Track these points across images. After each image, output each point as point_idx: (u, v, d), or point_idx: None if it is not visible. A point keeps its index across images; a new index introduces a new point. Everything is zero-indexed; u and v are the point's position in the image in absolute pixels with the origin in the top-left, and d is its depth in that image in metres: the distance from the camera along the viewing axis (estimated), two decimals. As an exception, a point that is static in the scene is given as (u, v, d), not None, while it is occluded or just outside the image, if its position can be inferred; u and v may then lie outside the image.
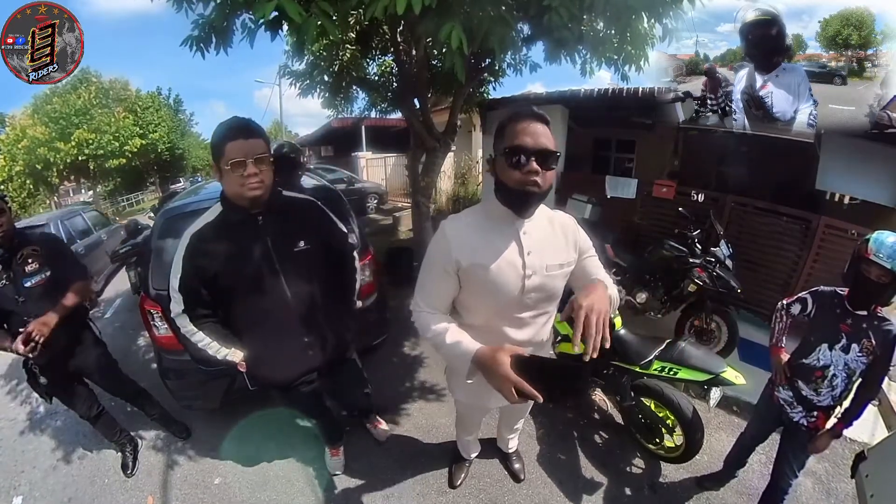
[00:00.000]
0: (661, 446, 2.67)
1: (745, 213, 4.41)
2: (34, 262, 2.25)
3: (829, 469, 2.65)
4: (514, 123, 1.31)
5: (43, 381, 2.43)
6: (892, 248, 1.64)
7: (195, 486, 2.69)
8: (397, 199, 13.42)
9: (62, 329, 2.32)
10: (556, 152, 1.29)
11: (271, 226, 1.76)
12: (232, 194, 1.67)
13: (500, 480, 2.60)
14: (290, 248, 1.81)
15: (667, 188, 4.89)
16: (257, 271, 1.75)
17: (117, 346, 4.15)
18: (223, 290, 1.75)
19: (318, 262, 1.91)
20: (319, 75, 5.22)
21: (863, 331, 1.79)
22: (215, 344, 1.80)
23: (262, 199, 1.69)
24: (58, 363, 2.43)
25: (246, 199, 1.64)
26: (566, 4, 2.49)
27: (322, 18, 2.16)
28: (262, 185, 1.65)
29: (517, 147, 1.27)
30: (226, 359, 1.83)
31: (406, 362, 3.92)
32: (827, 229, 3.92)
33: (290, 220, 1.84)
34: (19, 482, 2.84)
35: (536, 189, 1.29)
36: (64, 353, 2.42)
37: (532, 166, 1.26)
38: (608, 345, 1.19)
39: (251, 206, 1.70)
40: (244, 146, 1.58)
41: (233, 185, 1.62)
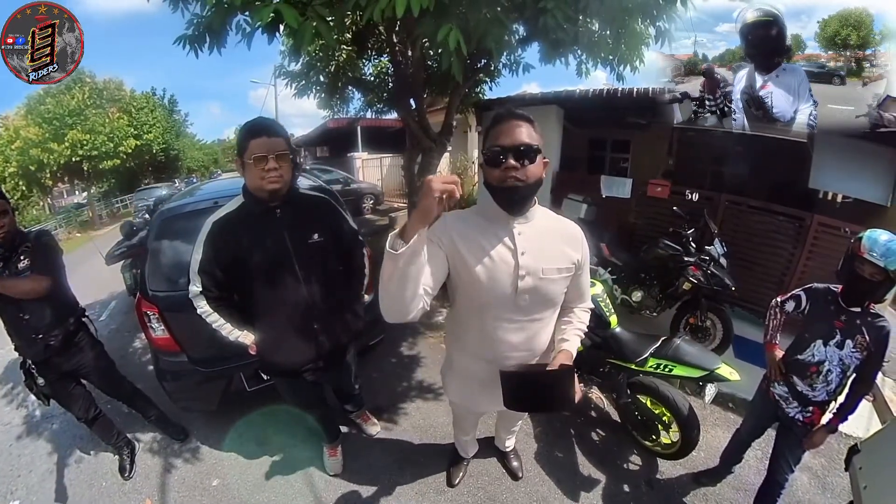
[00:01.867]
0: (657, 443, 2.69)
1: (739, 211, 4.44)
2: (26, 258, 2.25)
3: (825, 463, 2.67)
4: (493, 126, 1.37)
5: (41, 382, 2.43)
6: (885, 246, 1.66)
7: (193, 488, 2.68)
8: (393, 199, 13.43)
9: (59, 329, 2.37)
10: (532, 145, 1.32)
11: (288, 218, 1.88)
12: (253, 187, 1.79)
13: (498, 479, 2.61)
14: (304, 239, 1.92)
15: (661, 187, 4.91)
16: (273, 259, 1.87)
17: (114, 347, 4.10)
18: (240, 275, 1.87)
19: (329, 254, 2.04)
20: (315, 76, 5.22)
21: (857, 327, 1.81)
22: (228, 325, 1.93)
23: (281, 193, 1.81)
24: (55, 363, 2.43)
25: (265, 191, 1.76)
26: (561, 6, 2.50)
27: (318, 22, 2.17)
28: (281, 180, 1.77)
29: (493, 147, 1.33)
30: (237, 340, 1.96)
31: (403, 362, 3.93)
32: (820, 227, 3.96)
33: (305, 213, 1.97)
34: (16, 486, 2.82)
35: (518, 183, 1.32)
36: (61, 353, 2.42)
37: (509, 163, 1.30)
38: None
39: (270, 199, 1.82)
40: (266, 143, 1.71)
41: (254, 178, 1.74)
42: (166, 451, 2.96)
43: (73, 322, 2.48)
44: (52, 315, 2.35)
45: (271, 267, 1.88)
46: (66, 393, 2.56)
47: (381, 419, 3.09)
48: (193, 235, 2.49)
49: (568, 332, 1.61)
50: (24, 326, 2.29)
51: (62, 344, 2.40)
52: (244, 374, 2.80)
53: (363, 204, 12.22)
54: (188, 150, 32.78)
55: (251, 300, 1.96)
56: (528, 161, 1.31)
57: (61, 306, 2.42)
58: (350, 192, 11.52)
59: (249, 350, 2.00)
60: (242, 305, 1.99)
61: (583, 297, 1.67)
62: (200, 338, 2.75)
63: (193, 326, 2.71)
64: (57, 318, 2.37)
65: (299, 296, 1.95)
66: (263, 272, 1.88)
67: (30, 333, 2.31)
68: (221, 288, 1.90)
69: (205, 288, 1.86)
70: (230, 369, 2.75)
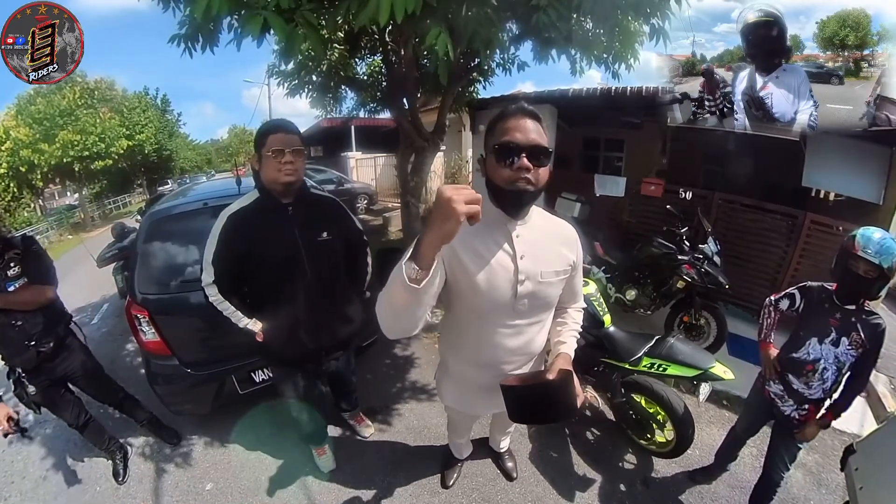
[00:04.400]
0: (652, 442, 2.69)
1: (733, 210, 4.47)
2: (16, 265, 2.22)
3: (820, 460, 2.68)
4: (504, 120, 1.26)
5: (31, 390, 2.40)
6: (879, 243, 1.66)
7: (187, 492, 2.66)
8: (387, 199, 13.39)
9: (51, 335, 2.36)
10: (548, 149, 1.24)
11: (299, 215, 1.99)
12: (269, 180, 1.89)
13: (492, 479, 2.60)
14: (314, 236, 2.03)
15: (655, 186, 4.93)
16: (284, 253, 1.97)
17: (105, 352, 4.12)
18: (251, 266, 1.96)
19: (336, 251, 2.16)
20: (308, 75, 5.20)
21: (851, 325, 1.81)
22: (238, 313, 2.02)
23: (295, 186, 1.94)
24: (46, 369, 2.41)
25: (280, 184, 1.87)
26: (554, 4, 2.50)
27: (306, 29, 2.19)
28: (296, 173, 1.88)
29: (507, 143, 1.21)
30: (247, 327, 2.04)
31: (397, 363, 3.91)
32: (813, 225, 3.99)
33: (315, 212, 2.09)
34: (9, 493, 2.78)
35: (528, 187, 1.23)
36: (50, 359, 2.40)
37: (523, 163, 1.20)
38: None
39: (283, 195, 1.94)
40: (284, 138, 1.84)
41: (271, 170, 1.85)
42: (159, 456, 2.93)
43: (62, 328, 2.47)
44: (44, 322, 2.33)
45: (281, 261, 1.97)
46: (56, 399, 2.52)
47: (375, 421, 3.08)
48: (183, 237, 2.46)
49: (564, 335, 1.58)
50: (15, 334, 2.25)
51: (53, 350, 2.38)
52: (236, 377, 2.78)
53: (357, 204, 12.10)
54: (181, 151, 32.58)
55: (260, 291, 2.06)
56: (540, 163, 1.23)
57: (53, 313, 2.41)
58: (344, 192, 11.41)
59: (256, 337, 2.06)
60: (251, 296, 2.08)
61: (576, 297, 1.65)
62: (191, 341, 2.74)
63: (184, 329, 2.70)
64: (49, 325, 2.36)
65: (306, 290, 2.04)
66: (274, 266, 1.97)
67: (22, 341, 2.27)
68: (232, 278, 1.98)
69: (217, 277, 1.95)
70: (222, 372, 2.73)
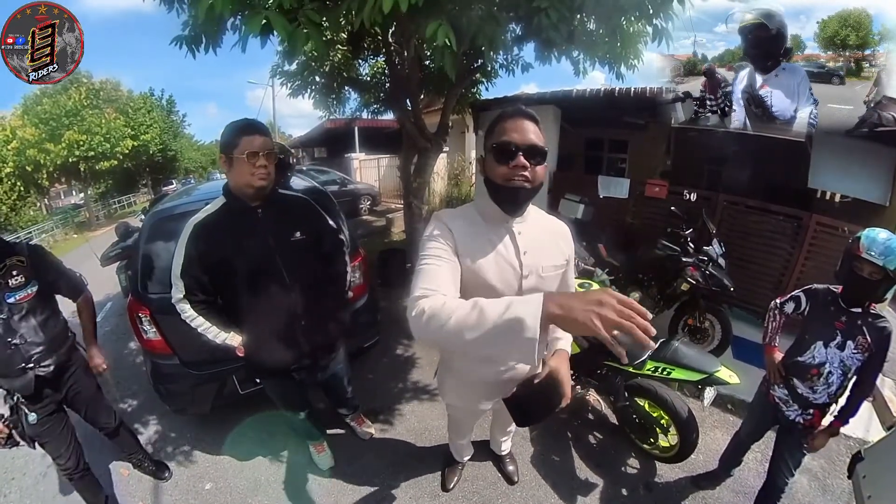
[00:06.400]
0: (655, 446, 2.67)
1: (737, 211, 4.43)
2: (19, 274, 1.99)
3: (825, 466, 2.65)
4: (502, 121, 1.32)
5: (32, 418, 2.08)
6: (884, 245, 1.64)
7: (186, 491, 2.65)
8: (390, 200, 13.37)
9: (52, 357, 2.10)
10: (543, 148, 1.30)
11: (270, 217, 1.91)
12: (239, 184, 1.80)
13: (493, 483, 2.58)
14: (287, 237, 1.95)
15: (659, 187, 4.89)
16: (258, 258, 1.89)
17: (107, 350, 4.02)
18: (224, 276, 1.87)
19: (312, 251, 2.07)
20: (311, 76, 5.20)
21: (857, 328, 1.79)
22: (214, 329, 1.92)
23: (265, 191, 1.85)
24: (46, 394, 2.12)
25: (252, 188, 1.79)
26: (556, 5, 2.48)
27: (309, 28, 2.18)
28: (268, 178, 1.81)
29: (504, 142, 1.28)
30: (225, 343, 1.95)
31: (398, 364, 3.90)
32: (818, 227, 3.95)
33: (286, 213, 1.99)
34: (9, 490, 2.79)
35: (525, 184, 1.29)
36: (51, 383, 2.14)
37: (519, 161, 1.26)
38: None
39: (253, 198, 1.85)
40: (258, 140, 1.75)
41: (243, 174, 1.76)
42: (159, 455, 2.93)
43: (65, 350, 2.21)
44: (46, 342, 2.07)
45: (255, 266, 1.88)
46: (56, 434, 2.20)
47: (375, 422, 3.07)
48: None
49: (559, 330, 1.58)
50: (9, 355, 1.98)
51: (54, 374, 2.12)
52: (237, 377, 2.78)
53: (360, 205, 12.14)
54: (186, 151, 32.81)
55: (236, 301, 1.95)
56: (536, 162, 1.29)
57: (55, 331, 2.15)
58: (347, 194, 11.43)
59: (237, 352, 1.98)
60: (227, 307, 1.98)
61: (569, 290, 1.65)
62: (192, 341, 2.72)
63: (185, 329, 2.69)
64: (51, 346, 2.10)
65: (284, 294, 1.97)
66: (248, 271, 1.88)
67: (18, 363, 1.99)
68: (205, 291, 1.89)
69: (188, 292, 1.85)
70: (223, 372, 2.72)
